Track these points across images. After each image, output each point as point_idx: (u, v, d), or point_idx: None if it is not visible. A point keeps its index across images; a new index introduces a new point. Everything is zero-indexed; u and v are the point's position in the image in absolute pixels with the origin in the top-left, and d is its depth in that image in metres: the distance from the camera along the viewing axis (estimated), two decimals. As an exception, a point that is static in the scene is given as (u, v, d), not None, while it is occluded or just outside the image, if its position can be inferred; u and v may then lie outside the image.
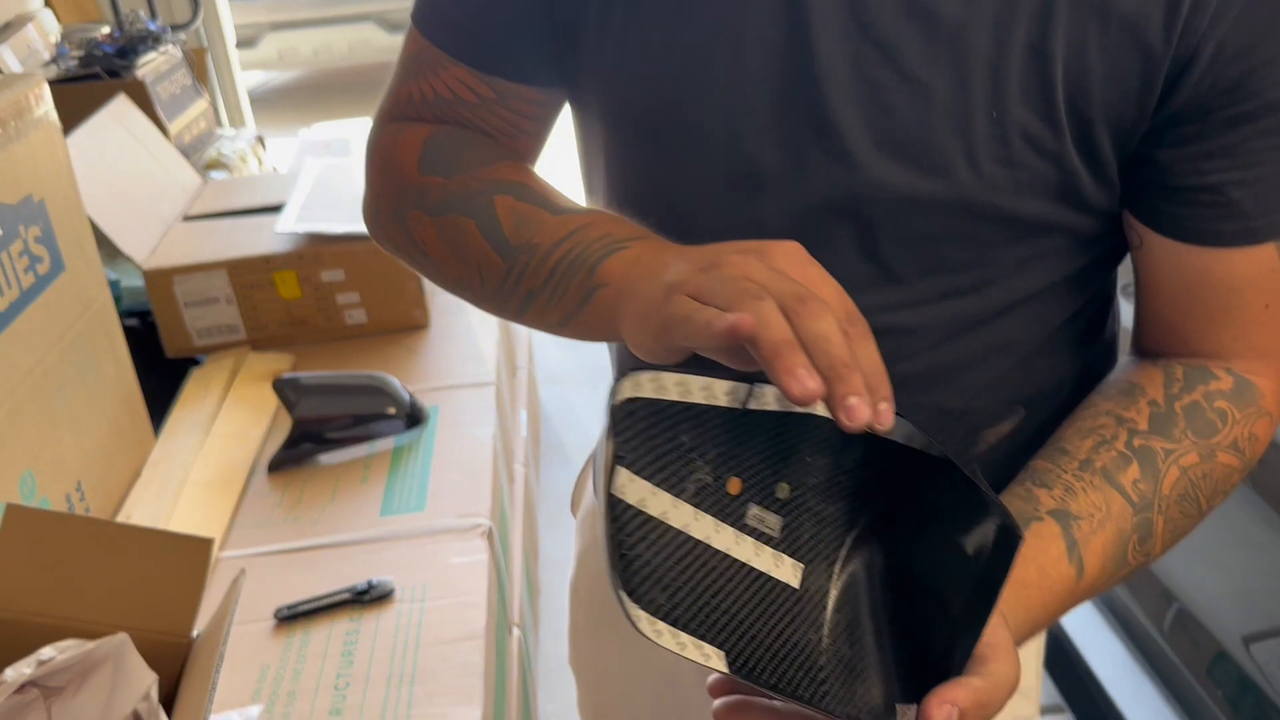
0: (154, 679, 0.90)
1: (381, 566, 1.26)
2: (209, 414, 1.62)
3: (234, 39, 3.57)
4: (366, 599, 1.21)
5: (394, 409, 1.50)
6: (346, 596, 1.22)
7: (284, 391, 1.50)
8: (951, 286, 0.66)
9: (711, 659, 0.49)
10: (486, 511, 1.36)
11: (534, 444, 2.19)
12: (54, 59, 2.33)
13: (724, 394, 0.51)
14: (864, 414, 0.45)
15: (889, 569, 0.54)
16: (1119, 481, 0.60)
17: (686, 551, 0.50)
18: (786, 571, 0.53)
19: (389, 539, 1.32)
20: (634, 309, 0.54)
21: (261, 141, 2.81)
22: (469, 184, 0.69)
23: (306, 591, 1.23)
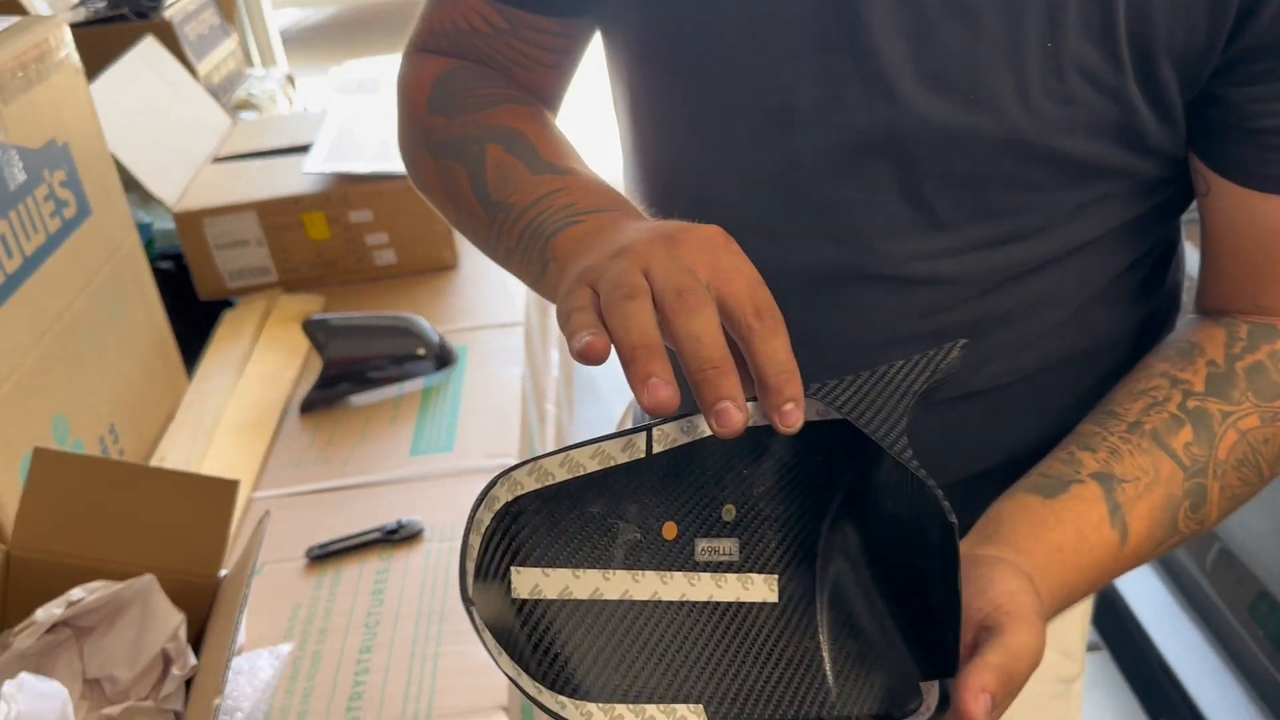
0: (182, 618, 0.92)
1: (411, 506, 1.27)
2: (241, 356, 1.63)
3: (265, -23, 3.54)
4: (396, 538, 1.22)
5: (423, 350, 1.50)
6: (376, 536, 1.22)
7: (314, 333, 1.50)
8: (998, 233, 0.62)
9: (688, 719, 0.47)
10: (515, 452, 1.36)
11: (566, 384, 2.18)
12: (82, 1, 2.32)
13: (620, 451, 0.46)
14: (735, 419, 0.42)
15: (873, 544, 0.51)
16: (1169, 445, 0.56)
17: (626, 619, 0.47)
18: (759, 590, 0.50)
19: (418, 479, 1.32)
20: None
21: (291, 81, 2.79)
22: (467, 128, 0.67)
23: (337, 531, 1.24)
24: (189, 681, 0.90)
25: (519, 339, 1.59)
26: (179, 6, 2.33)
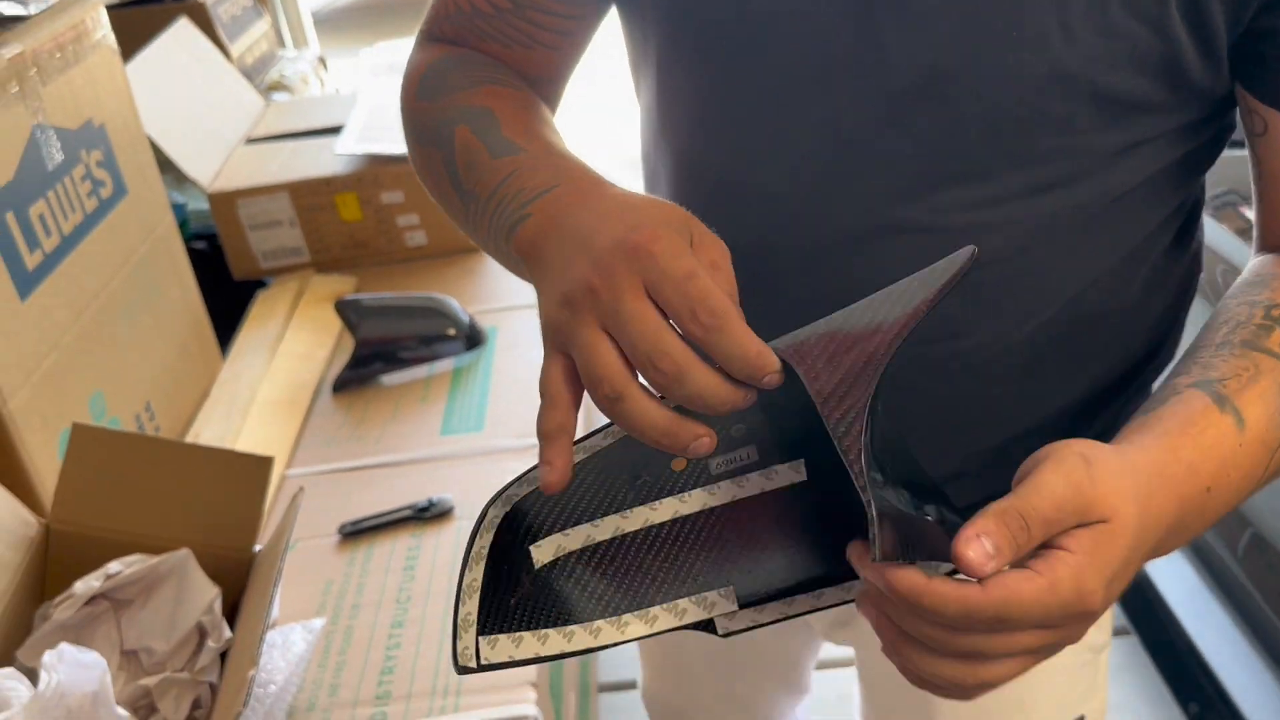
0: (217, 592, 0.93)
1: (441, 485, 1.28)
2: (275, 335, 1.64)
3: (297, -41, 3.54)
4: (427, 516, 1.23)
5: (454, 330, 1.51)
6: (408, 514, 1.24)
7: (346, 313, 1.51)
8: (1040, 179, 0.61)
9: (718, 604, 0.49)
10: (544, 431, 1.36)
11: (596, 364, 2.19)
12: (118, -17, 2.35)
13: (603, 439, 0.48)
14: (706, 448, 0.45)
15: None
16: (1263, 345, 0.54)
17: (648, 544, 0.49)
18: (785, 475, 0.50)
19: (448, 458, 1.33)
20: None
21: (323, 62, 2.80)
22: (444, 111, 0.66)
23: (369, 508, 1.25)
24: (224, 654, 0.92)
25: (548, 320, 1.60)
26: (212, -12, 2.35)
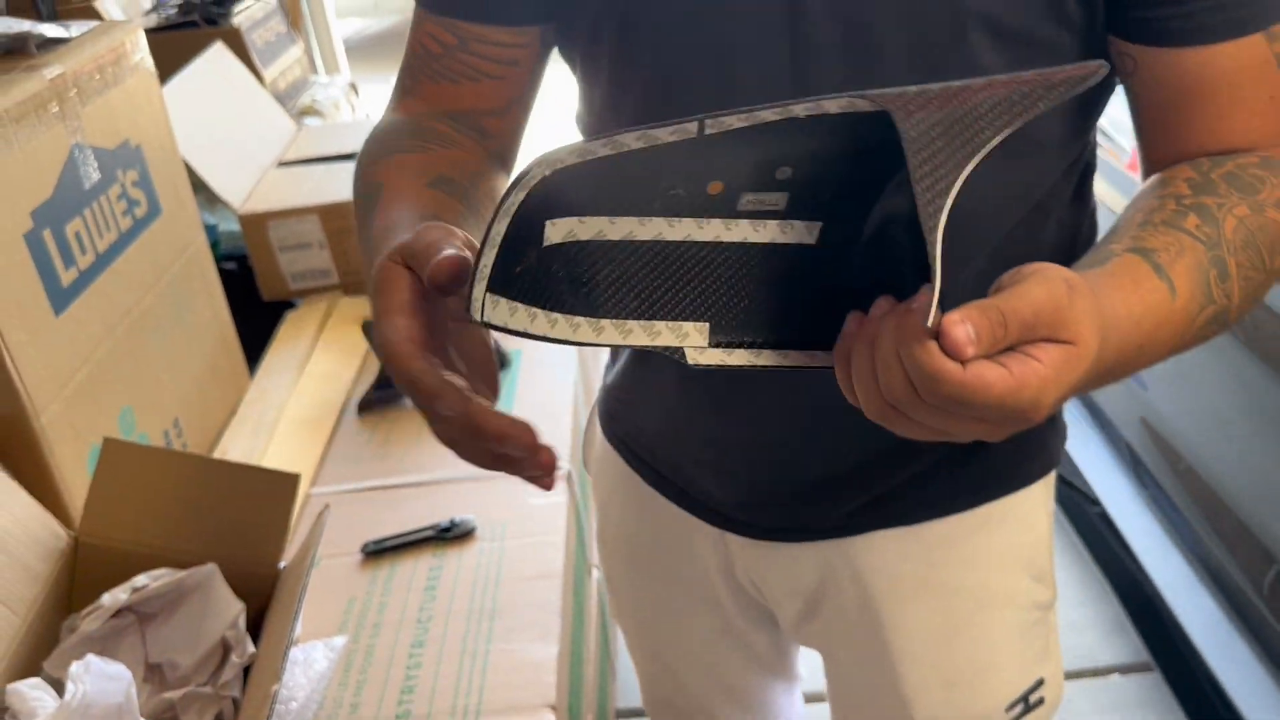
0: (242, 607, 0.94)
1: (463, 505, 1.29)
2: (302, 355, 1.66)
3: (330, -14, 3.60)
4: (449, 536, 1.24)
5: (478, 352, 1.52)
6: (430, 533, 1.25)
7: (372, 335, 1.53)
8: None
9: (690, 336, 0.50)
10: (566, 454, 1.37)
11: (619, 389, 2.19)
12: (155, 7, 2.38)
13: (669, 134, 0.46)
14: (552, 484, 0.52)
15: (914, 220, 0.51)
16: (1182, 226, 0.58)
17: (653, 257, 0.50)
18: (798, 233, 0.51)
19: (471, 479, 1.34)
20: None
21: (354, 88, 2.84)
22: (361, 185, 0.69)
23: (392, 527, 1.26)
24: (247, 669, 0.93)
25: (572, 344, 1.61)
26: (247, 14, 2.39)
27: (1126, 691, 1.69)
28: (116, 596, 0.92)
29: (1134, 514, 1.77)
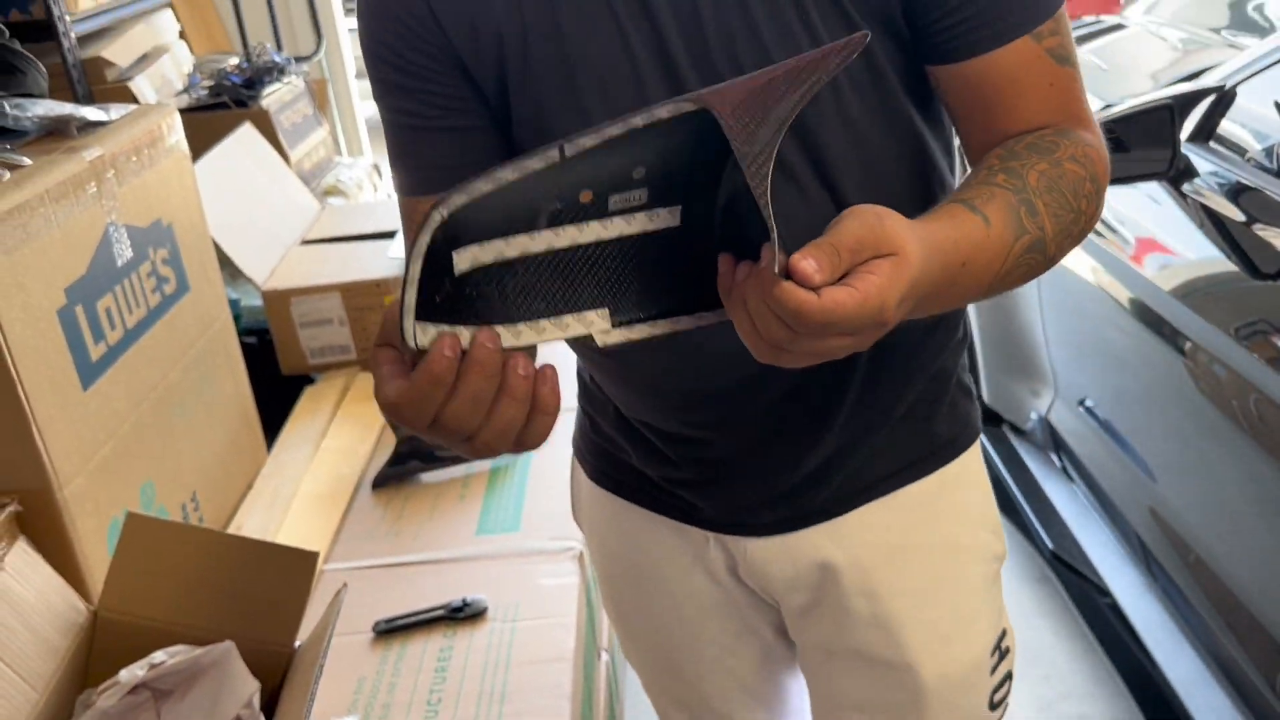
0: (256, 686, 0.94)
1: (476, 584, 1.29)
2: (319, 430, 1.68)
3: (354, 70, 3.69)
4: (461, 616, 1.25)
5: (494, 432, 1.54)
6: (442, 613, 1.25)
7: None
8: (848, 106, 0.73)
9: (595, 323, 0.58)
10: (579, 535, 1.38)
11: (630, 470, 2.20)
12: (186, 88, 2.45)
13: (538, 162, 0.54)
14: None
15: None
16: (995, 181, 0.69)
17: (548, 265, 0.58)
18: (664, 219, 0.60)
19: (484, 558, 1.35)
20: None
21: (378, 169, 2.90)
22: None
23: (404, 606, 1.27)
24: (259, 748, 0.93)
25: (587, 425, 1.63)
26: (275, 96, 2.45)
27: (1139, 788, 1.66)
28: (135, 672, 0.93)
29: (1144, 606, 1.76)
